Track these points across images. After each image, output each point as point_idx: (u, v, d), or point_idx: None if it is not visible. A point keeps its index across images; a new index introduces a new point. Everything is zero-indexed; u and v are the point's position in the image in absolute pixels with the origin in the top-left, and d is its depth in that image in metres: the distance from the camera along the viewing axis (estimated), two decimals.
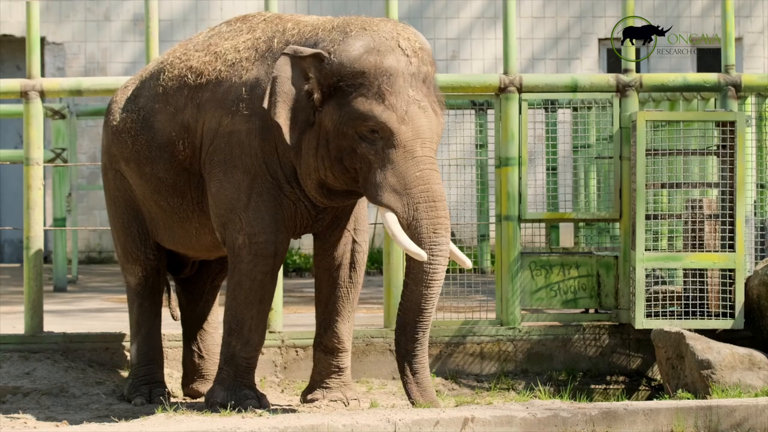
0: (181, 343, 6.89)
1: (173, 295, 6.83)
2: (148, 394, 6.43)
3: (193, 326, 6.78)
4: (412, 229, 5.57)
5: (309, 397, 6.25)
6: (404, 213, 5.56)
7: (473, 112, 10.68)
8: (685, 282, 7.22)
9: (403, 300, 5.71)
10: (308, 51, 5.65)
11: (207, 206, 6.10)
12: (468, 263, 5.81)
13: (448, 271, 7.56)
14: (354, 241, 6.20)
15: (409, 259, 5.65)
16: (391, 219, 5.57)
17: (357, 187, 5.75)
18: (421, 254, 5.52)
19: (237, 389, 5.96)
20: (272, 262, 5.93)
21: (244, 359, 5.99)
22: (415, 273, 5.64)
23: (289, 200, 5.92)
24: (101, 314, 9.15)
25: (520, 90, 7.38)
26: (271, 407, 5.98)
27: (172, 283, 6.84)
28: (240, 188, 5.87)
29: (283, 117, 5.67)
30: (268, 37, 5.94)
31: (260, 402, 5.95)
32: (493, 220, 7.53)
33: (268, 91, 5.69)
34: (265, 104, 5.69)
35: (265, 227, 5.88)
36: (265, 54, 5.89)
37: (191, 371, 6.75)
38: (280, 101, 5.66)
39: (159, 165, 6.16)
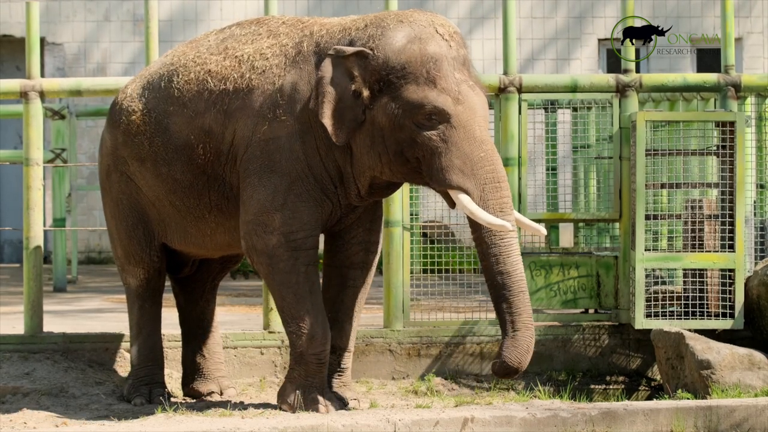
0: (181, 343, 6.89)
1: None
2: (147, 394, 6.43)
3: (192, 326, 6.77)
4: (483, 206, 5.62)
5: None
6: (475, 193, 5.61)
7: None
8: (684, 282, 7.22)
9: (488, 279, 5.68)
10: (351, 50, 5.70)
11: (225, 207, 6.11)
12: (543, 231, 5.87)
13: (447, 271, 7.62)
14: (367, 241, 6.20)
15: (480, 244, 5.67)
16: (466, 199, 5.62)
17: (418, 178, 5.80)
18: (504, 225, 5.57)
19: (308, 391, 5.93)
20: (313, 254, 5.94)
21: (314, 356, 5.93)
22: (489, 251, 5.63)
23: (330, 201, 5.94)
24: (101, 314, 9.15)
25: (519, 90, 7.39)
26: (337, 410, 5.91)
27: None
28: (276, 190, 5.86)
29: (327, 117, 5.72)
30: (296, 42, 5.97)
31: (327, 408, 5.88)
32: None
33: (314, 93, 5.75)
34: (312, 105, 5.75)
35: (303, 225, 5.88)
36: (296, 59, 5.92)
37: (191, 371, 6.75)
38: (326, 102, 5.71)
39: (176, 167, 6.15)
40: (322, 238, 6.28)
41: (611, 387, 7.29)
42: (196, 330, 6.77)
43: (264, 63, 5.97)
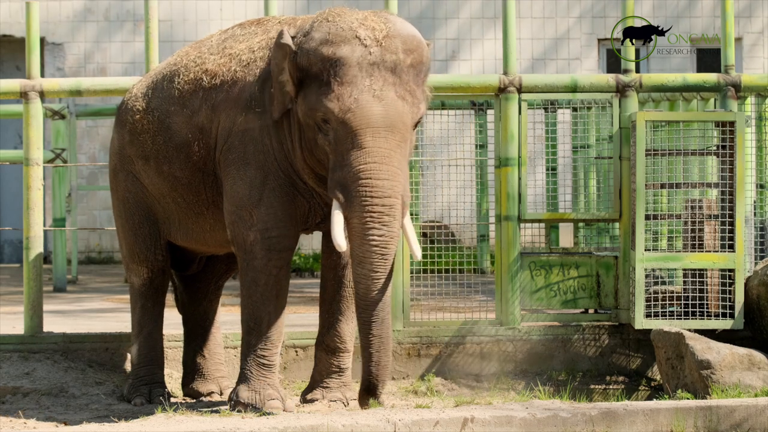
0: (181, 344, 6.89)
1: None
2: (147, 394, 6.44)
3: (195, 326, 6.79)
4: (348, 221, 5.55)
5: (308, 397, 6.26)
6: (344, 205, 5.55)
7: (473, 112, 10.68)
8: (684, 282, 7.22)
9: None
10: (285, 42, 5.68)
11: (221, 204, 6.14)
12: (417, 255, 5.75)
13: (447, 271, 7.61)
14: None
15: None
16: (334, 210, 5.58)
17: None
18: (340, 245, 5.54)
19: (261, 389, 5.96)
20: (286, 256, 5.96)
21: (265, 357, 5.98)
22: (352, 256, 5.65)
23: (303, 197, 5.95)
24: (101, 314, 9.16)
25: (519, 90, 7.38)
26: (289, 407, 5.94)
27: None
28: (253, 185, 5.89)
29: (275, 108, 5.77)
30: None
31: (284, 403, 5.95)
32: (492, 220, 7.52)
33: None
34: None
35: (278, 222, 5.90)
36: None
37: (192, 371, 6.75)
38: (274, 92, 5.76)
39: (175, 165, 6.21)
40: (319, 237, 6.29)
41: (611, 387, 7.29)
42: (198, 330, 6.78)
43: (250, 56, 6.02)
